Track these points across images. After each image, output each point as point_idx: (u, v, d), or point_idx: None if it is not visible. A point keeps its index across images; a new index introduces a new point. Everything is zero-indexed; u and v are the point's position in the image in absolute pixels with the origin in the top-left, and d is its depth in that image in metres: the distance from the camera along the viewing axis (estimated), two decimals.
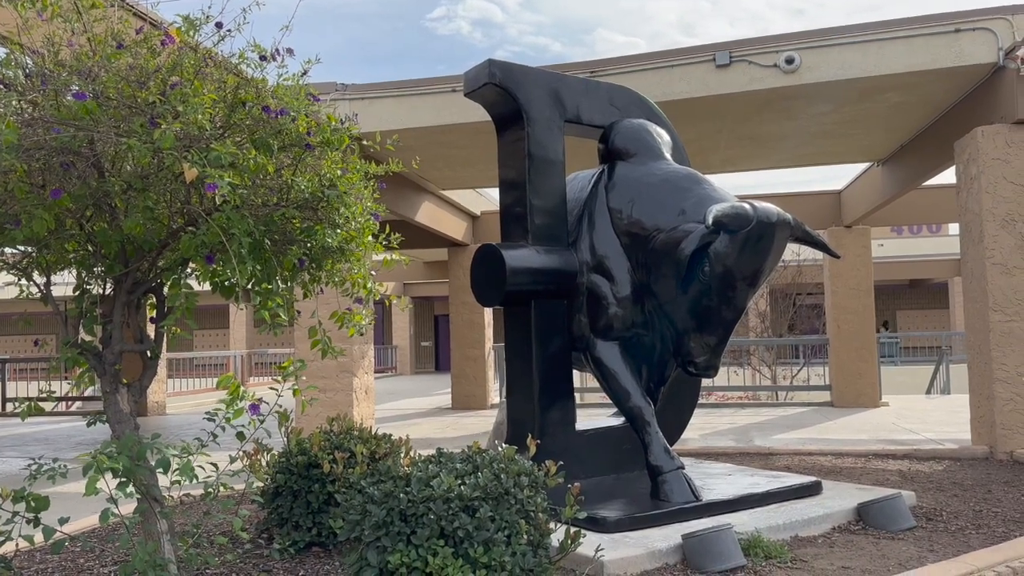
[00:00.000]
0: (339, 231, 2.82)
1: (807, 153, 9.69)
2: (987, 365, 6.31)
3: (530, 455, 3.02)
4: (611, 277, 4.38)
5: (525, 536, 2.71)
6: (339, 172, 2.81)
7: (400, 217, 10.28)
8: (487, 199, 13.47)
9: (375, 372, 27.07)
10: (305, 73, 2.78)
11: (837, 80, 6.66)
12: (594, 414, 7.81)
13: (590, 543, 3.17)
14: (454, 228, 12.44)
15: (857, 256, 12.21)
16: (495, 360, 13.75)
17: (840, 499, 4.26)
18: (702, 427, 10.02)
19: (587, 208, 4.59)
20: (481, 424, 10.57)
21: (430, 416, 12.31)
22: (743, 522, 3.78)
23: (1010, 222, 6.20)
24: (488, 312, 13.39)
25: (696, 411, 12.15)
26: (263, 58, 2.72)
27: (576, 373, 6.08)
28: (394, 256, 3.45)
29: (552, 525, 2.87)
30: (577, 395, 12.90)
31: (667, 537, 3.53)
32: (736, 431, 9.72)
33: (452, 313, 13.55)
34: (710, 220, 3.74)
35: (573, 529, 2.86)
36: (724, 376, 14.90)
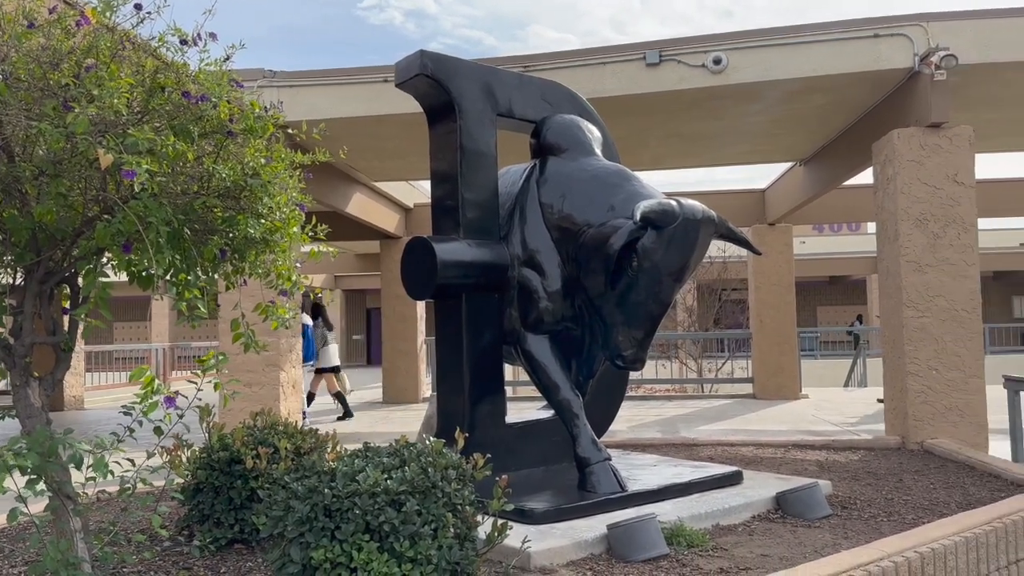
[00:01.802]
0: (263, 221, 2.76)
1: (734, 152, 9.93)
2: (900, 359, 6.58)
3: (459, 448, 3.02)
4: (542, 271, 4.41)
5: (452, 529, 2.71)
6: (263, 161, 2.74)
7: (330, 208, 10.13)
8: (420, 191, 13.38)
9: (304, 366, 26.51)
10: (228, 58, 2.70)
11: (762, 81, 6.84)
12: (526, 407, 7.86)
13: (518, 535, 3.19)
14: (386, 220, 12.32)
15: (779, 253, 12.58)
16: (427, 354, 13.69)
17: (760, 488, 4.39)
18: (630, 419, 10.19)
19: (519, 202, 4.60)
20: (412, 418, 10.52)
21: (360, 410, 12.18)
22: (667, 512, 3.86)
23: (923, 222, 6.47)
24: (421, 305, 13.32)
25: (625, 403, 12.38)
26: (184, 42, 2.64)
27: (509, 366, 6.11)
28: (322, 248, 3.40)
29: (480, 518, 2.87)
30: (510, 388, 13.02)
31: (593, 527, 3.57)
32: (663, 423, 9.92)
33: (384, 306, 13.43)
34: (638, 216, 3.80)
35: (500, 521, 2.87)
36: (652, 369, 15.19)
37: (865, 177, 8.64)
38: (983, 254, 24.84)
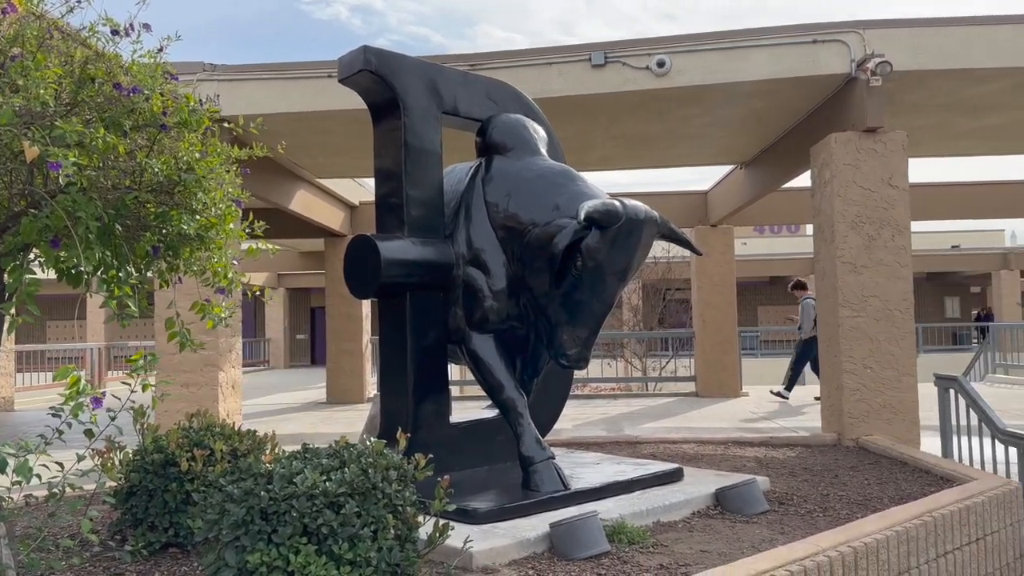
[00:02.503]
0: (197, 217, 2.69)
1: (677, 154, 10.07)
2: (836, 357, 6.75)
3: (401, 449, 2.99)
4: (487, 270, 4.39)
5: (392, 531, 2.68)
6: (198, 155, 2.67)
7: (273, 205, 9.97)
8: (366, 189, 13.25)
9: (246, 366, 26.12)
10: (161, 50, 2.62)
11: (704, 84, 6.94)
12: (473, 407, 7.84)
13: (460, 535, 3.17)
14: (331, 218, 12.17)
15: (721, 254, 12.81)
16: (373, 353, 13.56)
17: (700, 485, 4.45)
18: (576, 418, 10.25)
19: (464, 201, 4.58)
20: (357, 418, 10.41)
21: (304, 411, 12.02)
22: (609, 509, 3.89)
23: (859, 224, 6.65)
24: (366, 304, 13.19)
25: (571, 402, 12.42)
26: (115, 32, 2.55)
27: (456, 366, 6.09)
28: (260, 245, 3.33)
29: (421, 519, 2.85)
30: (456, 388, 12.97)
31: (535, 526, 3.58)
32: (608, 421, 10.01)
33: (328, 305, 13.26)
34: (582, 216, 3.82)
35: (442, 522, 2.85)
36: (598, 368, 15.31)
37: (804, 180, 8.85)
38: (917, 256, 25.62)
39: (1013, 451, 4.98)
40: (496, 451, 4.71)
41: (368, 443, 2.85)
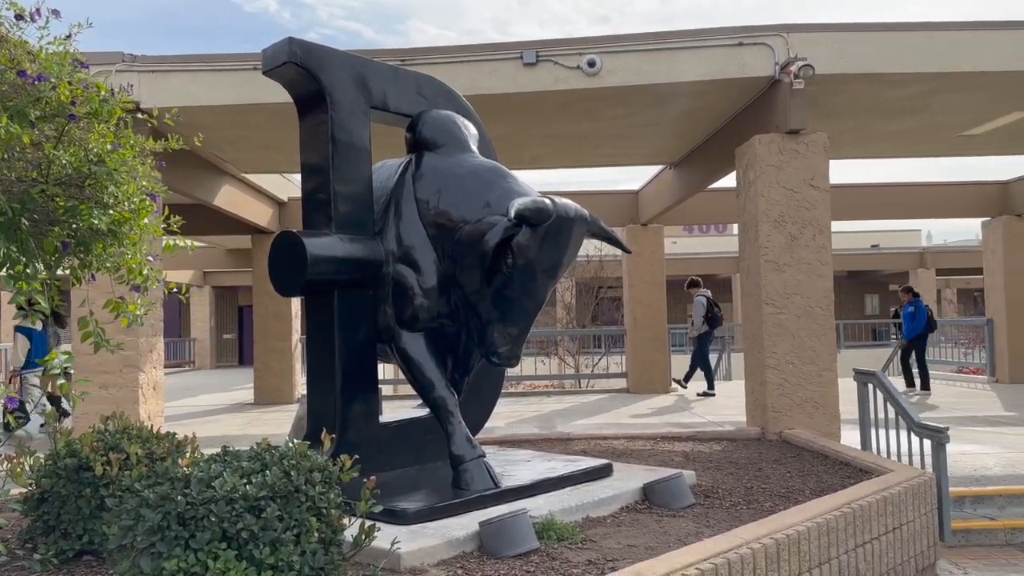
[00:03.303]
0: (110, 212, 2.58)
1: (608, 153, 10.17)
2: (760, 353, 6.91)
3: (325, 450, 2.93)
4: (417, 268, 4.35)
5: (316, 534, 2.62)
6: (109, 147, 2.56)
7: (196, 200, 9.69)
8: (295, 185, 12.99)
9: (170, 366, 25.35)
10: (69, 37, 2.50)
11: (634, 85, 7.02)
12: (406, 406, 7.77)
13: (388, 536, 3.13)
14: (258, 214, 11.89)
15: (652, 252, 13.00)
16: (302, 352, 13.31)
17: (628, 480, 4.50)
18: (509, 415, 10.26)
19: (394, 197, 4.53)
20: (286, 419, 10.20)
21: (230, 412, 11.72)
22: (539, 506, 3.89)
23: (781, 223, 6.82)
24: (295, 302, 12.94)
25: (504, 399, 12.42)
26: (19, 17, 2.42)
27: (390, 365, 6.00)
28: (179, 242, 3.21)
29: (347, 521, 2.80)
30: (390, 387, 12.83)
31: (465, 525, 3.55)
32: (541, 418, 10.05)
33: (256, 303, 12.97)
34: (512, 213, 3.80)
35: (368, 524, 2.80)
36: (532, 365, 15.37)
37: (731, 180, 9.03)
38: (838, 255, 26.48)
39: (928, 443, 5.18)
40: (427, 450, 4.67)
41: (291, 444, 2.78)
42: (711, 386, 12.28)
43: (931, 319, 12.16)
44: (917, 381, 12.14)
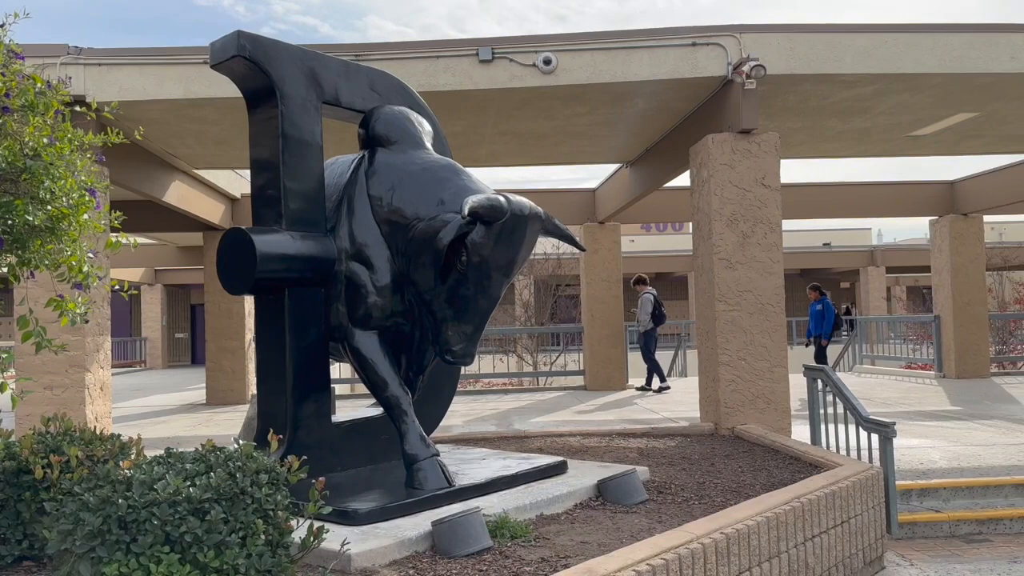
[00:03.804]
0: (47, 207, 2.49)
1: (565, 152, 10.18)
2: (713, 350, 6.99)
3: (272, 451, 2.88)
4: (370, 265, 4.31)
5: (263, 536, 2.57)
6: (45, 140, 2.48)
7: (146, 197, 9.48)
8: (247, 181, 12.77)
9: (120, 366, 24.76)
10: (3, 26, 2.41)
11: (590, 83, 7.04)
12: (363, 405, 7.69)
13: (340, 537, 3.10)
14: (210, 211, 11.68)
15: (608, 250, 13.07)
16: (255, 352, 13.10)
17: (583, 477, 4.52)
18: (467, 413, 10.24)
19: (346, 194, 4.48)
20: (238, 420, 10.03)
21: (181, 413, 11.50)
22: (493, 504, 3.89)
23: (734, 221, 6.90)
24: (248, 301, 12.72)
25: (462, 397, 12.37)
26: None
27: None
28: (121, 238, 3.13)
29: (295, 522, 2.75)
30: (347, 386, 12.69)
31: (418, 525, 3.53)
32: (498, 416, 10.04)
33: (208, 302, 12.73)
34: (466, 211, 3.79)
35: (317, 525, 2.76)
36: (490, 363, 15.35)
37: (685, 179, 9.11)
38: (791, 253, 26.86)
39: (875, 437, 5.28)
40: (381, 450, 4.63)
41: (237, 446, 2.73)
42: (650, 382, 12.42)
43: (838, 317, 12.31)
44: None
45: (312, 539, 2.71)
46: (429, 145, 4.59)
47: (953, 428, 8.15)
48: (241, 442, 2.74)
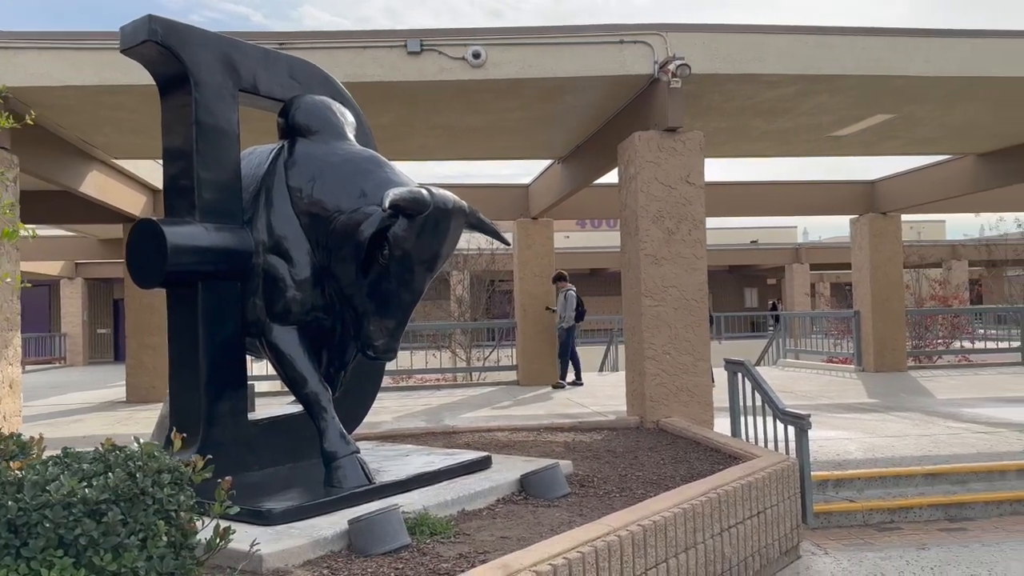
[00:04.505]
0: None
1: (497, 147, 10.17)
2: (639, 344, 7.07)
3: (176, 449, 2.78)
4: (289, 259, 4.21)
5: (165, 538, 2.48)
6: None
7: (61, 187, 9.12)
8: None
9: (38, 363, 23.81)
10: None
11: (519, 78, 7.02)
12: (286, 402, 7.53)
13: (253, 537, 3.02)
14: (130, 202, 11.28)
15: (542, 246, 13.13)
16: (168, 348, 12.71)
17: (506, 472, 4.51)
18: (398, 409, 10.15)
19: (264, 185, 4.37)
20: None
21: (99, 411, 11.11)
22: (413, 501, 3.85)
23: (659, 218, 6.99)
24: None
25: (394, 393, 12.24)
26: None
27: None
28: (19, 228, 2.98)
29: (200, 523, 2.66)
30: (278, 383, 12.41)
31: (334, 524, 3.47)
32: (429, 412, 9.98)
33: (128, 296, 12.32)
34: (387, 203, 3.73)
35: (224, 525, 2.68)
36: (423, 359, 15.27)
37: (616, 176, 9.19)
38: (720, 250, 27.39)
39: (792, 429, 5.41)
40: (301, 448, 4.54)
41: (137, 444, 2.63)
42: (564, 376, 12.52)
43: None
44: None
45: (218, 540, 2.63)
46: (352, 136, 4.51)
47: (869, 420, 8.43)
48: (142, 441, 2.64)
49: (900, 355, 13.77)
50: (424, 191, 3.87)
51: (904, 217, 14.17)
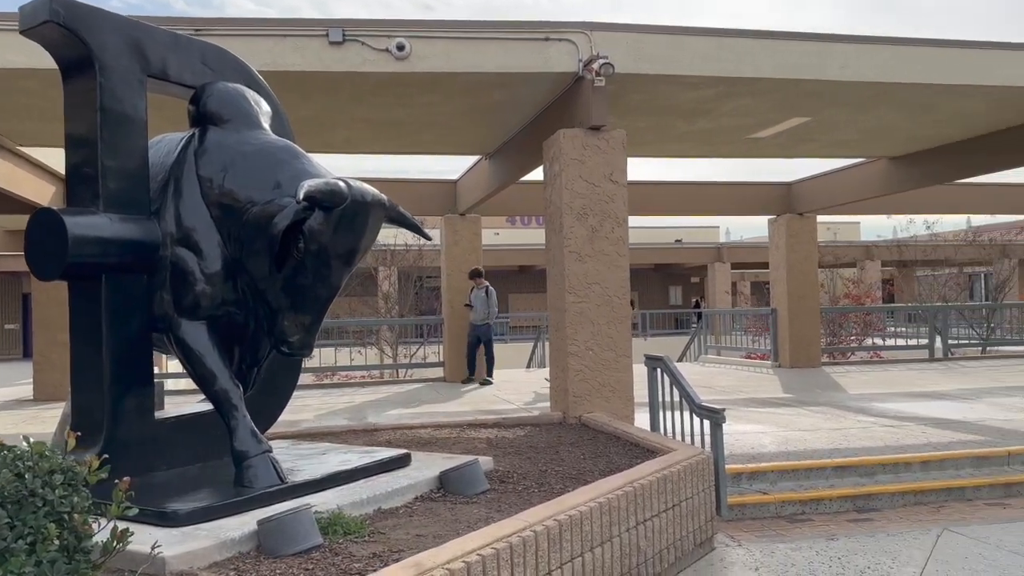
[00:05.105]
0: None
1: (424, 141, 10.08)
2: (563, 341, 7.12)
3: (70, 449, 2.65)
4: (199, 251, 4.08)
5: (56, 541, 2.36)
6: None
7: None
8: None
9: None
10: None
11: (444, 72, 6.97)
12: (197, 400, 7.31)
13: (160, 539, 2.91)
14: (37, 192, 10.77)
15: (469, 242, 13.09)
16: (70, 343, 12.20)
17: (426, 469, 4.47)
18: (320, 407, 9.98)
19: (173, 175, 4.22)
20: None
21: (5, 410, 10.60)
22: (327, 500, 3.77)
23: (583, 215, 7.04)
24: None
25: (317, 391, 12.03)
26: None
27: None
28: None
29: (96, 526, 2.54)
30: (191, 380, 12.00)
31: (243, 524, 3.37)
32: (352, 409, 9.84)
33: (36, 290, 11.81)
34: (301, 195, 3.64)
35: (121, 527, 2.56)
36: (347, 356, 15.08)
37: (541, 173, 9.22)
38: (645, 248, 27.85)
39: (707, 423, 5.52)
40: (212, 447, 4.40)
41: (27, 444, 2.49)
42: (491, 371, 12.53)
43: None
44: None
45: (115, 543, 2.52)
46: (267, 126, 4.39)
47: (784, 414, 8.69)
48: (31, 440, 2.51)
49: (815, 351, 14.24)
50: (341, 183, 3.79)
51: (820, 218, 14.66)
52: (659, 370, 6.34)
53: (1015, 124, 9.57)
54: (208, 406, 4.51)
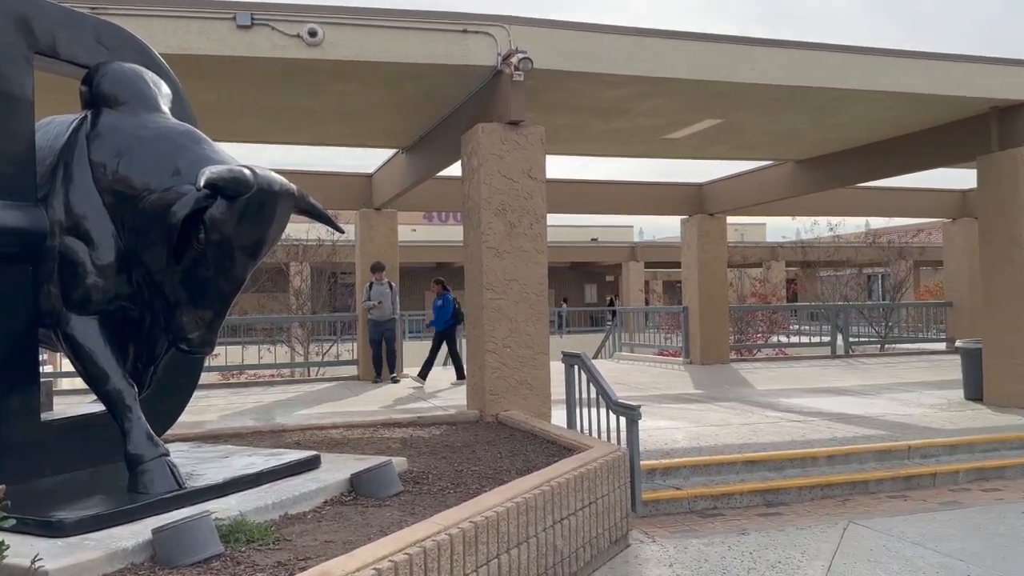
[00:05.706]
0: None
1: (337, 132, 9.82)
2: (481, 338, 7.02)
3: None
4: (90, 241, 3.81)
5: None
6: None
7: None
8: None
9: None
10: None
11: (359, 61, 6.77)
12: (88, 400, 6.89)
13: (43, 551, 2.69)
14: None
15: (385, 238, 12.85)
16: None
17: (336, 471, 4.29)
18: (225, 408, 9.60)
19: (63, 159, 3.93)
20: None
21: None
22: (230, 506, 3.56)
23: (502, 211, 6.96)
24: None
25: (223, 391, 11.57)
26: None
27: None
28: None
29: None
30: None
31: (137, 533, 3.14)
32: (260, 410, 9.49)
33: None
34: (202, 182, 3.43)
35: None
36: (255, 353, 14.61)
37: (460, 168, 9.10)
38: (562, 247, 28.01)
39: (623, 420, 5.52)
40: (104, 451, 4.12)
41: None
42: (394, 367, 12.41)
43: (458, 311, 12.33)
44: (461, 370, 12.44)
45: None
46: (166, 109, 4.14)
47: (695, 410, 8.83)
48: None
49: (724, 348, 14.59)
50: (247, 170, 3.59)
51: (729, 219, 15.02)
52: (576, 367, 6.32)
53: (916, 129, 10.00)
54: (99, 407, 4.23)
